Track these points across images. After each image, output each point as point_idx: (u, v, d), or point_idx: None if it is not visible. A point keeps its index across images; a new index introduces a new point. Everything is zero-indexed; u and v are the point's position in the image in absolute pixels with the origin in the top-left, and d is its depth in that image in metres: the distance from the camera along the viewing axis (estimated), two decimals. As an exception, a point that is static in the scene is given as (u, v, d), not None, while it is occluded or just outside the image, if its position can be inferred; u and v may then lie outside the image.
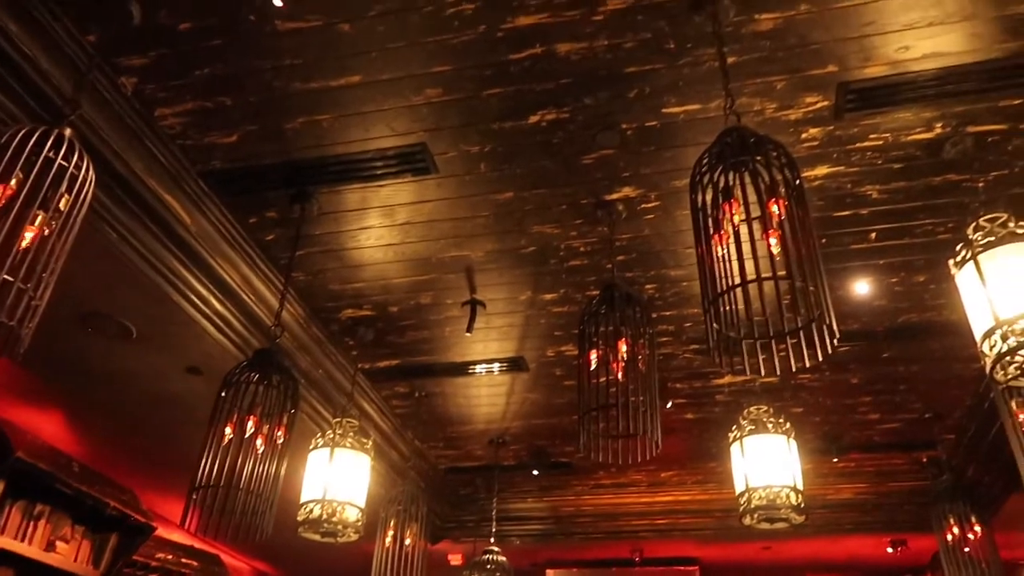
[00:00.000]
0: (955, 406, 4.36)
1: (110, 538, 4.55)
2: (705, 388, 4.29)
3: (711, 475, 5.17)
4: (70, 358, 3.59)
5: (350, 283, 3.54)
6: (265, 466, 2.50)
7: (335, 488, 3.27)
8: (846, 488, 5.20)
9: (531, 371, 4.19)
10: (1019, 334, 2.17)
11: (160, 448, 4.37)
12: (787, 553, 5.73)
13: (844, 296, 3.49)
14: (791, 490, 3.23)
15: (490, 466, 5.18)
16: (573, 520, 5.66)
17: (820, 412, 4.50)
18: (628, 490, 5.49)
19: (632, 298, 2.78)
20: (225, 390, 2.60)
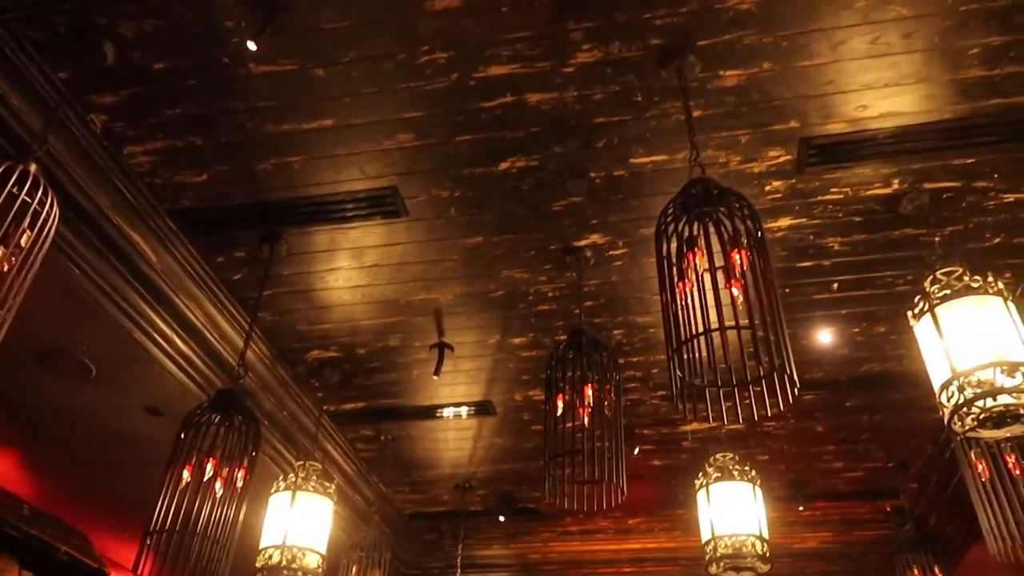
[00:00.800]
0: (917, 455, 4.41)
1: (59, 586, 4.38)
2: (672, 434, 4.30)
3: (678, 522, 5.15)
4: (25, 396, 3.50)
5: (317, 324, 3.52)
6: (223, 510, 2.44)
7: (296, 533, 3.20)
8: (811, 537, 5.20)
9: (499, 415, 4.17)
10: (975, 386, 2.21)
11: (116, 490, 4.24)
12: (754, 603, 5.69)
13: (807, 345, 3.55)
14: (757, 538, 3.24)
15: (456, 511, 5.11)
16: (540, 568, 5.58)
17: (785, 460, 4.53)
18: (595, 537, 5.44)
19: (599, 343, 2.80)
20: (185, 431, 2.55)
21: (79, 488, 4.34)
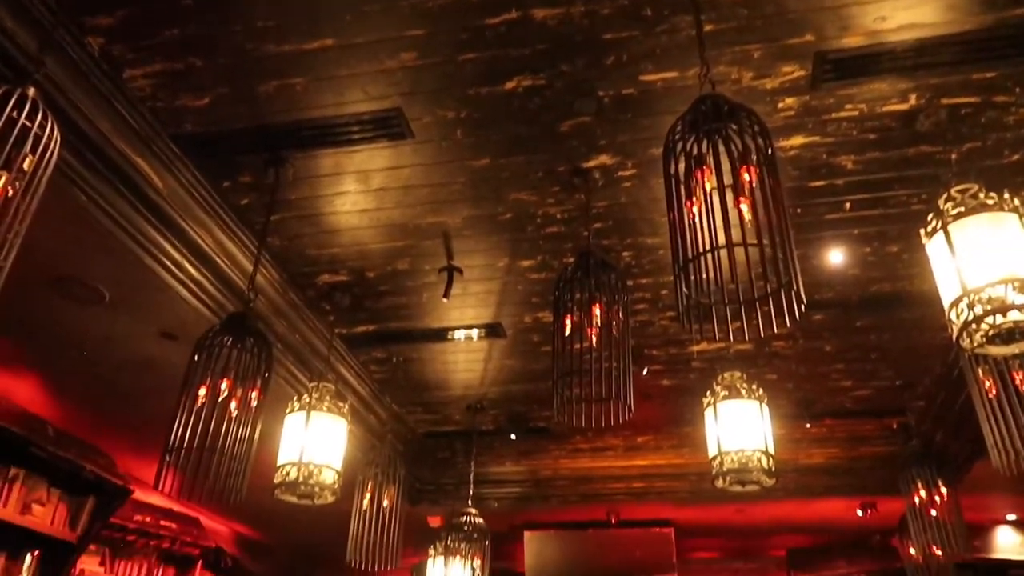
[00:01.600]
0: (925, 374, 4.44)
1: (87, 501, 4.56)
2: (680, 355, 4.33)
3: (686, 440, 5.24)
4: (42, 323, 3.56)
5: (326, 248, 3.53)
6: (239, 429, 2.51)
7: (312, 451, 3.29)
8: (818, 453, 5.30)
9: (508, 337, 4.21)
10: (985, 303, 2.20)
11: (136, 412, 4.36)
12: (759, 515, 5.84)
13: (818, 265, 3.53)
14: (763, 454, 3.29)
15: (468, 431, 5.23)
16: (550, 484, 5.74)
17: (794, 379, 4.57)
18: (605, 454, 5.56)
19: (607, 265, 2.80)
20: (198, 353, 2.59)
21: (100, 412, 4.46)
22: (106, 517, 4.62)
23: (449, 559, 4.78)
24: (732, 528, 6.23)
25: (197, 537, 5.69)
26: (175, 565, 5.63)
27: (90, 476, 4.47)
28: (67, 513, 4.50)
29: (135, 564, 5.36)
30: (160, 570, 5.55)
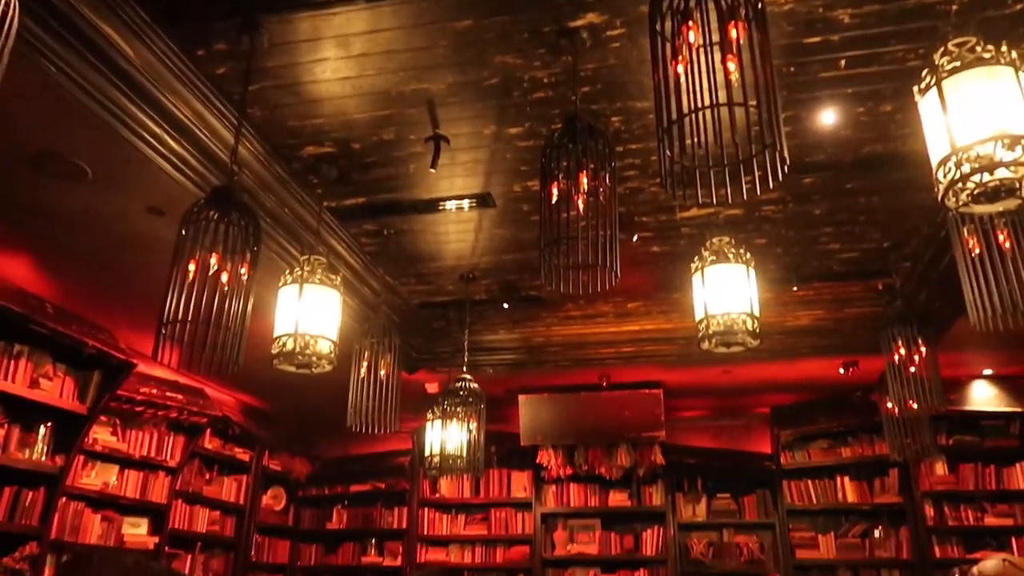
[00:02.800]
0: (912, 235, 4.47)
1: (93, 375, 4.69)
2: (670, 222, 4.34)
3: (675, 305, 5.35)
4: (28, 203, 3.54)
5: (309, 119, 3.45)
6: (232, 302, 2.54)
7: (307, 322, 3.35)
8: (804, 315, 5.42)
9: (498, 207, 4.20)
10: (973, 161, 2.19)
11: (132, 289, 4.41)
12: (746, 376, 6.06)
13: (810, 127, 3.47)
14: (748, 316, 3.36)
15: (461, 301, 5.31)
16: (543, 350, 5.90)
17: (782, 243, 4.61)
18: (596, 321, 5.69)
19: (595, 130, 2.75)
20: (185, 228, 2.59)
21: (97, 289, 4.51)
22: (113, 390, 4.77)
23: (446, 423, 4.98)
24: (718, 388, 6.47)
25: (203, 407, 5.90)
26: (184, 433, 5.88)
27: (93, 351, 4.58)
28: (75, 387, 4.64)
29: (146, 433, 5.59)
30: (170, 438, 5.79)
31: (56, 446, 4.53)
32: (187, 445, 5.89)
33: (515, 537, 6.92)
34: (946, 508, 6.00)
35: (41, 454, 4.42)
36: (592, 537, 6.80)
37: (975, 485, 5.99)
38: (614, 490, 6.88)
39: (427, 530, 7.13)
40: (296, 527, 7.44)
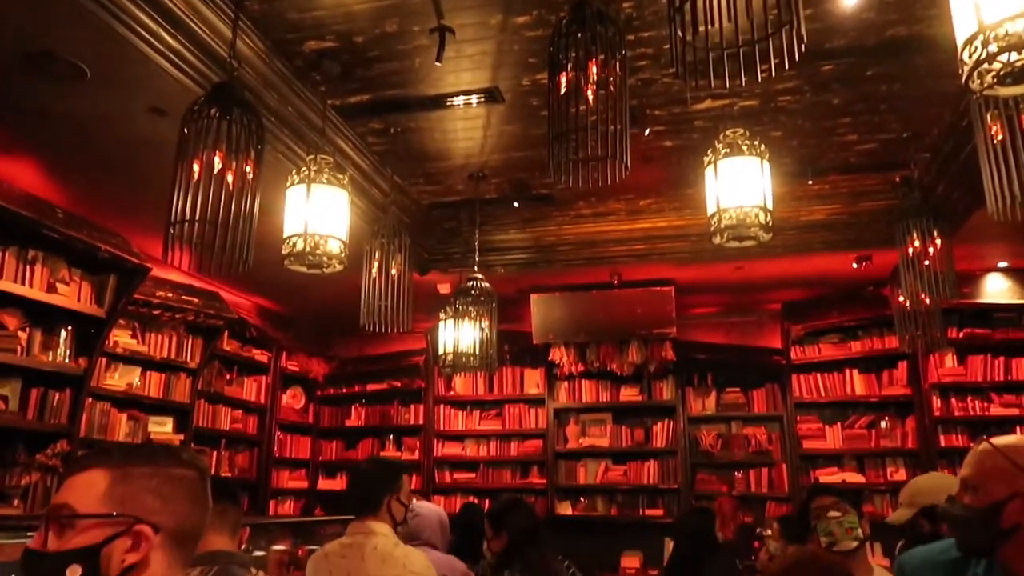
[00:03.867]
0: (933, 124, 4.34)
1: (108, 279, 4.74)
2: (683, 114, 4.23)
3: (687, 201, 5.28)
4: (28, 104, 3.48)
5: (308, 11, 3.33)
6: (239, 201, 2.53)
7: (316, 222, 3.35)
8: (819, 209, 5.35)
9: (507, 102, 4.09)
10: (1001, 39, 2.09)
11: (140, 194, 4.38)
12: (758, 272, 6.04)
13: (832, 9, 3.32)
14: (760, 209, 3.32)
15: (471, 200, 5.27)
16: (555, 249, 5.88)
17: (799, 135, 4.49)
18: (608, 219, 5.64)
19: (605, 17, 2.63)
20: (187, 126, 2.55)
21: (106, 194, 4.49)
22: (129, 294, 4.83)
23: (459, 322, 5.04)
24: (730, 285, 6.47)
25: (219, 310, 5.98)
26: (202, 335, 5.99)
27: (107, 255, 4.61)
28: (92, 291, 4.70)
29: (164, 336, 5.70)
30: (189, 341, 5.90)
31: (78, 349, 4.63)
32: (206, 347, 6.01)
33: (529, 432, 7.12)
34: (953, 399, 6.09)
35: (64, 357, 4.52)
36: (603, 431, 6.99)
37: (983, 377, 6.05)
38: (625, 386, 7.02)
39: (443, 426, 7.34)
40: (316, 424, 7.69)
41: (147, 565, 1.09)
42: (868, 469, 6.28)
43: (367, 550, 2.61)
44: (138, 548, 1.09)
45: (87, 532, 1.07)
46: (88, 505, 1.08)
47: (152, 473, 1.14)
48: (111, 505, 1.09)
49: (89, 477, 1.12)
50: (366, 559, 2.59)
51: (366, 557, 2.60)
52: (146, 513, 1.10)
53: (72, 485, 1.12)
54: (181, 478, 1.17)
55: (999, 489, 1.46)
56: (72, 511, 1.08)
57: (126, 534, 1.08)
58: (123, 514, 1.09)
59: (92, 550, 1.06)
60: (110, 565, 1.07)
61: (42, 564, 1.06)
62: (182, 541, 1.15)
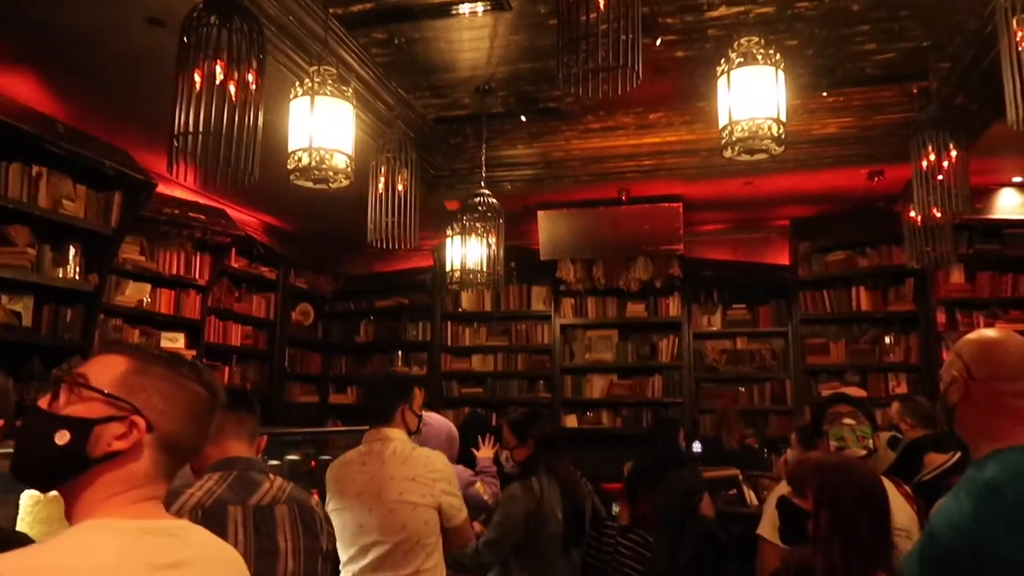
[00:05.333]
0: (956, 32, 4.20)
1: (114, 196, 4.72)
2: (697, 22, 4.09)
3: (699, 115, 5.17)
4: (23, 16, 3.39)
5: (307, -88, 3.19)
6: (243, 112, 2.48)
7: (320, 136, 3.29)
8: (832, 122, 5.24)
9: (514, 10, 3.96)
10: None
11: (142, 108, 4.31)
12: (768, 187, 5.97)
13: (855, -93, 3.16)
14: (774, 121, 3.24)
15: (478, 115, 5.17)
16: (562, 164, 5.81)
17: (815, 44, 4.36)
18: (616, 133, 5.54)
19: (617, -85, 2.52)
20: (186, 35, 2.48)
21: (108, 109, 4.43)
22: (136, 210, 4.81)
23: (466, 238, 5.02)
24: (739, 201, 6.41)
25: (226, 227, 5.98)
26: (210, 252, 6.01)
27: (111, 171, 4.58)
28: (98, 207, 4.68)
29: (173, 253, 5.72)
30: (197, 258, 5.93)
31: (88, 265, 4.65)
32: (214, 264, 6.04)
33: (535, 347, 7.21)
34: (958, 315, 6.11)
35: (74, 273, 4.55)
36: (609, 346, 7.07)
37: (990, 293, 6.05)
38: (631, 302, 7.06)
39: (450, 341, 7.43)
40: (326, 340, 7.79)
41: (132, 459, 1.11)
42: (871, 384, 6.36)
43: (386, 455, 2.70)
44: (127, 438, 1.10)
45: (88, 404, 1.10)
46: (101, 382, 1.11)
47: (167, 376, 1.16)
48: (120, 390, 1.11)
49: (113, 360, 1.15)
50: (386, 463, 2.68)
51: (386, 461, 2.69)
52: (148, 409, 1.12)
53: (96, 361, 1.16)
54: (193, 392, 1.18)
55: (946, 376, 1.70)
56: (86, 381, 1.11)
57: (121, 420, 1.10)
58: (126, 401, 1.11)
59: (86, 423, 1.09)
60: (97, 443, 1.09)
61: (37, 420, 1.10)
62: (173, 452, 1.16)
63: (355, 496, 2.65)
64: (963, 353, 1.68)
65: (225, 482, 1.87)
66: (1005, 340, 1.67)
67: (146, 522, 1.11)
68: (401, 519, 2.63)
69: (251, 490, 1.89)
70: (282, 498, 1.93)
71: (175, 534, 1.14)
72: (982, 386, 1.62)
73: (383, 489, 2.64)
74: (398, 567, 2.61)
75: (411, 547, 2.64)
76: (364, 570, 2.61)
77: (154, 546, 1.09)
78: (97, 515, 1.09)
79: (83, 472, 1.09)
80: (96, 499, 1.10)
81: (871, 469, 1.97)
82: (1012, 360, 1.62)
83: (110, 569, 1.02)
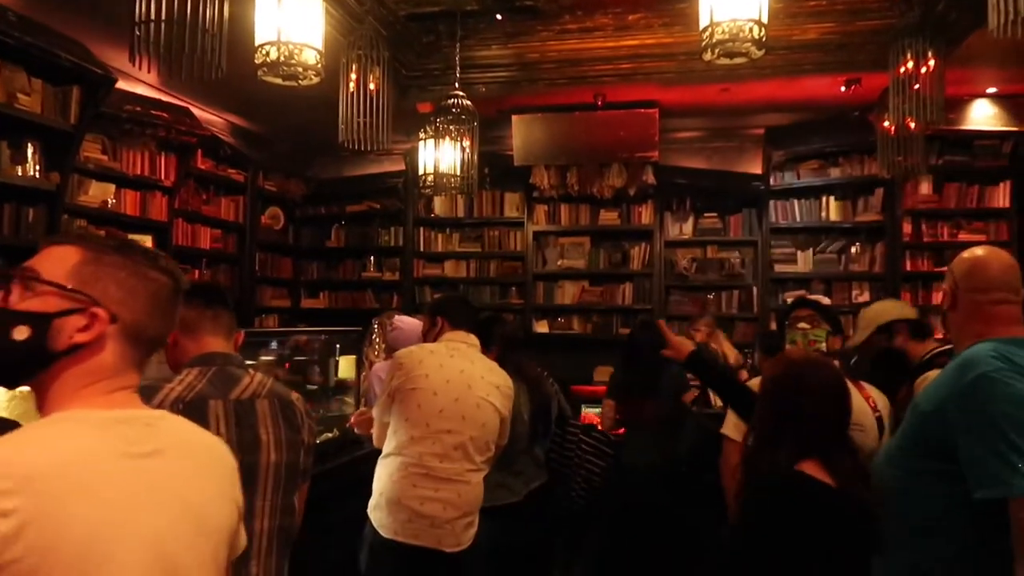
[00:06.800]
0: (942, -65, 4.10)
1: (72, 91, 4.53)
2: (680, -84, 3.94)
3: (678, 17, 5.03)
4: None
5: None
6: (207, 1, 2.37)
7: (289, 30, 3.17)
8: (812, 28, 5.14)
9: (491, -102, 3.77)
10: None
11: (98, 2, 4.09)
12: (744, 95, 5.91)
13: None
14: (755, 23, 3.18)
15: (451, 12, 4.98)
16: (538, 67, 5.66)
17: (800, -56, 4.23)
18: (593, 35, 5.39)
19: None
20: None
21: None
22: (96, 106, 4.64)
23: (439, 142, 4.94)
24: (715, 109, 6.35)
25: (191, 126, 5.80)
26: (175, 152, 5.84)
27: (68, 64, 4.38)
28: (56, 103, 4.51)
29: (137, 153, 5.55)
30: (162, 158, 5.77)
31: (49, 164, 4.50)
32: (180, 165, 5.88)
33: (508, 253, 7.23)
34: (924, 225, 6.22)
35: (35, 171, 4.41)
36: (582, 253, 7.12)
37: (956, 204, 6.15)
38: (604, 209, 7.06)
39: (423, 247, 7.42)
40: (296, 245, 7.72)
41: (98, 351, 1.11)
42: (835, 292, 6.51)
43: (474, 356, 2.91)
44: (89, 330, 1.09)
45: (43, 298, 1.08)
46: (53, 275, 1.09)
47: (123, 265, 1.14)
48: (74, 282, 1.09)
49: (63, 251, 1.12)
50: (475, 362, 2.88)
51: (475, 361, 2.88)
52: (107, 300, 1.10)
53: (44, 254, 1.13)
54: (152, 280, 1.16)
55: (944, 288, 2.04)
56: (36, 275, 1.09)
57: (81, 313, 1.09)
58: (82, 292, 1.09)
59: (44, 317, 1.07)
60: (58, 338, 1.08)
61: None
62: (138, 341, 1.15)
63: (443, 382, 2.75)
64: (954, 269, 2.01)
65: (205, 377, 1.88)
66: (987, 257, 1.97)
67: (118, 412, 1.10)
68: (483, 416, 2.79)
69: (231, 384, 1.90)
70: (263, 392, 1.95)
71: (149, 423, 1.13)
72: (967, 296, 1.95)
73: (473, 384, 2.79)
74: (465, 459, 2.74)
75: (482, 444, 2.79)
76: (431, 456, 2.70)
77: (126, 435, 1.07)
78: (67, 407, 1.08)
79: (47, 367, 1.09)
80: (65, 392, 1.09)
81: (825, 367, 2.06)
82: (991, 274, 1.93)
83: (81, 459, 1.00)
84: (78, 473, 0.99)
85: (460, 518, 2.72)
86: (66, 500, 0.95)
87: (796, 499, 1.86)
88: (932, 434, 1.86)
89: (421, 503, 2.67)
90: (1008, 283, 1.92)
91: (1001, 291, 1.91)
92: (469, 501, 2.76)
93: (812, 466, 1.88)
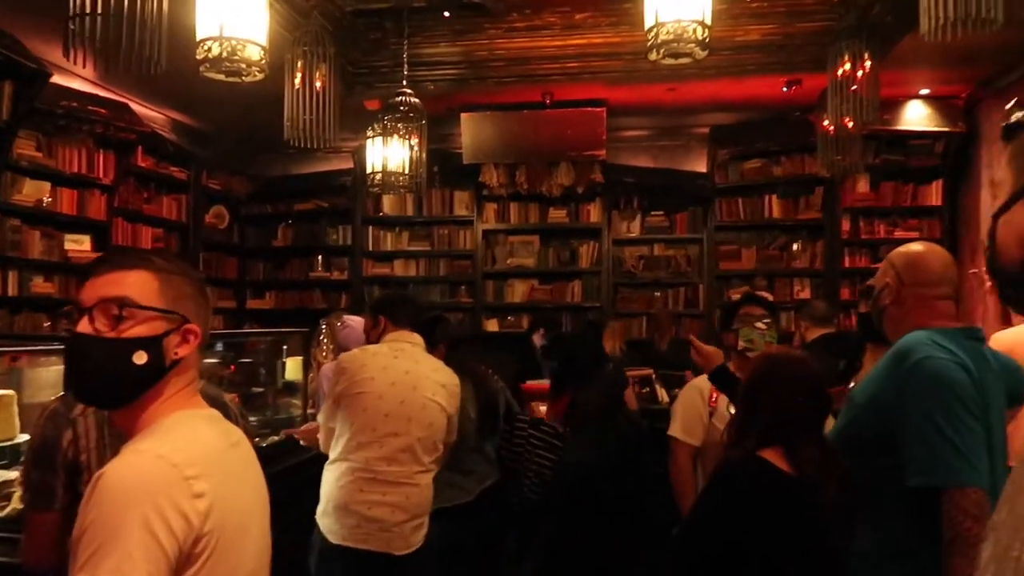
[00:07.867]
0: (877, -59, 4.23)
1: (4, 86, 4.37)
2: (626, -82, 3.99)
3: (624, 16, 5.09)
4: None
5: None
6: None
7: (232, 26, 3.10)
8: (754, 29, 5.25)
9: None
10: None
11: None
12: (690, 94, 6.00)
13: None
14: (699, 25, 3.24)
15: (398, 9, 4.95)
16: (486, 65, 5.66)
17: (741, -53, 4.32)
18: (541, 33, 5.41)
19: None
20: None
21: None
22: (29, 101, 4.48)
23: (388, 139, 4.91)
24: (661, 108, 6.44)
25: (131, 123, 5.64)
26: (114, 150, 5.68)
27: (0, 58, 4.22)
28: (-15, 98, 4.34)
29: (73, 150, 5.38)
30: (100, 156, 5.60)
31: (-22, 161, 4.35)
32: (119, 162, 5.72)
33: (457, 252, 7.22)
34: (862, 222, 6.42)
35: (-37, 169, 4.25)
36: (531, 251, 7.14)
37: (892, 202, 6.36)
38: (553, 207, 7.11)
39: (372, 246, 7.35)
40: (242, 244, 7.58)
41: (188, 364, 1.26)
42: (777, 288, 6.67)
43: (418, 355, 2.87)
44: (187, 345, 1.24)
45: (148, 324, 1.20)
46: (149, 300, 1.20)
47: (185, 281, 1.26)
48: (165, 303, 1.21)
49: (141, 276, 1.22)
50: (420, 362, 2.84)
51: (419, 361, 2.85)
52: (190, 315, 1.25)
53: (124, 281, 1.20)
54: (203, 291, 1.31)
55: (880, 282, 2.01)
56: (135, 303, 1.18)
57: (177, 331, 1.22)
58: (176, 312, 1.22)
59: (155, 340, 1.19)
60: (166, 356, 1.21)
61: (104, 348, 1.17)
62: (202, 345, 1.30)
63: (388, 384, 2.71)
64: (896, 263, 1.98)
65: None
66: (928, 252, 1.99)
67: (206, 411, 1.29)
68: (430, 416, 2.76)
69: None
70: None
71: (220, 419, 1.31)
72: (910, 291, 1.94)
73: (419, 385, 2.76)
74: (413, 462, 2.72)
75: (430, 445, 2.77)
76: (378, 460, 2.67)
77: (223, 430, 1.28)
78: (170, 413, 1.21)
79: (156, 384, 1.21)
80: (165, 400, 1.23)
81: (800, 362, 2.10)
82: (935, 268, 1.95)
83: (216, 449, 1.21)
84: (220, 460, 1.20)
85: (409, 521, 2.71)
86: (225, 483, 1.17)
87: (751, 481, 1.89)
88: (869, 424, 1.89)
89: (369, 508, 2.64)
90: (950, 278, 1.95)
91: (944, 286, 1.93)
92: (418, 504, 2.74)
93: (773, 454, 1.91)
